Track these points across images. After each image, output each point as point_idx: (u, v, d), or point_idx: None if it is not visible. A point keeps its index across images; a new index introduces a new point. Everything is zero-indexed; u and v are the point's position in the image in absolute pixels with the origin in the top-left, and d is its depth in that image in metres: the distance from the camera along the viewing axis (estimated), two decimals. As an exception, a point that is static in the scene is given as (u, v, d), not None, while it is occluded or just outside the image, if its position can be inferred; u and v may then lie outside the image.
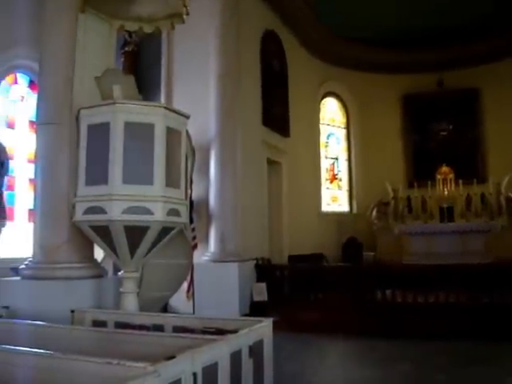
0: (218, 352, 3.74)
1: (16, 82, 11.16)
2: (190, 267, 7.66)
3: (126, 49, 11.95)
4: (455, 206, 16.10)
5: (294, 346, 8.08)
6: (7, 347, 3.53)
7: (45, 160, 5.81)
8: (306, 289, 10.23)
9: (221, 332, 4.38)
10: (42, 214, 5.77)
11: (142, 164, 5.05)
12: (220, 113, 10.61)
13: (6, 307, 5.59)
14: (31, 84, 11.31)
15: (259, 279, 10.62)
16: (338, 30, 15.86)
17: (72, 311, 5.24)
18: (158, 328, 4.82)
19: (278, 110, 13.57)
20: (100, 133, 5.11)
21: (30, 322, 4.72)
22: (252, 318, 4.96)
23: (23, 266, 5.85)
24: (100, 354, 3.22)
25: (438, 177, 16.53)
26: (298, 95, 14.88)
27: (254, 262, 10.81)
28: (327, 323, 9.16)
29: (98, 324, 5.09)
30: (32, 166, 10.38)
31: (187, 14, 6.45)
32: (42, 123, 5.91)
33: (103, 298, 5.68)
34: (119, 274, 5.56)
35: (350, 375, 6.90)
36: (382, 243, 16.03)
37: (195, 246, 8.90)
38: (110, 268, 6.21)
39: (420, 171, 17.29)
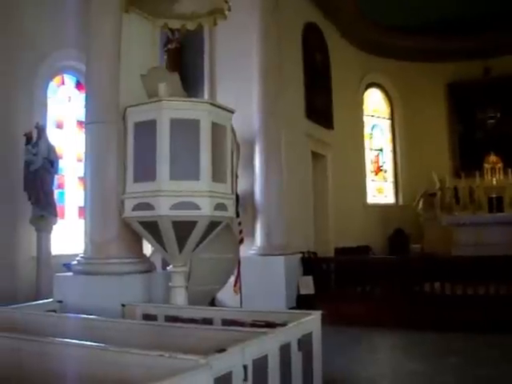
0: (268, 345, 3.78)
1: (63, 83, 11.42)
2: (237, 261, 7.71)
3: (169, 46, 12.05)
4: (504, 196, 15.73)
5: (342, 339, 8.04)
6: (61, 340, 3.65)
7: (94, 158, 5.95)
8: (352, 281, 10.15)
9: (269, 325, 4.42)
10: (92, 210, 5.92)
11: (189, 160, 5.12)
12: (263, 107, 10.63)
13: (60, 302, 5.76)
14: (78, 84, 11.56)
15: (305, 272, 10.60)
16: (380, 20, 15.62)
17: (123, 305, 5.36)
18: (207, 321, 4.89)
19: (321, 103, 13.52)
20: (147, 130, 5.20)
21: (82, 315, 4.86)
22: (300, 311, 4.99)
23: (75, 262, 6.01)
24: (151, 347, 3.29)
25: (486, 166, 16.17)
26: (340, 87, 14.77)
27: (300, 255, 10.80)
28: (375, 316, 9.10)
29: (149, 318, 5.19)
30: (80, 165, 10.72)
31: (229, 9, 6.49)
32: (90, 122, 6.06)
33: (153, 292, 5.78)
34: (168, 268, 5.64)
35: (398, 368, 6.85)
36: (429, 235, 15.78)
37: (242, 240, 8.94)
38: (158, 263, 6.31)
39: (467, 161, 16.91)
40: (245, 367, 3.36)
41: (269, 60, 10.78)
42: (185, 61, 12.13)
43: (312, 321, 4.58)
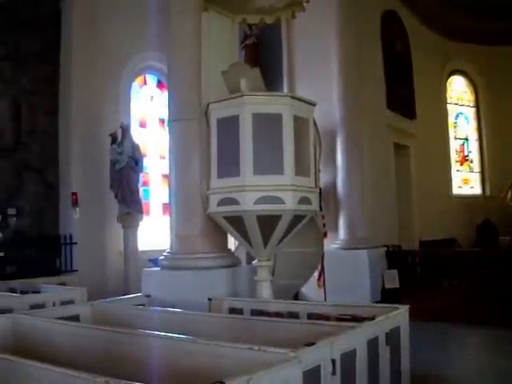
0: (356, 339, 3.72)
1: (145, 83, 11.72)
2: (322, 255, 7.65)
3: (247, 42, 12.10)
4: None
5: (428, 334, 7.81)
6: (151, 332, 3.74)
7: (177, 155, 6.07)
8: (438, 275, 9.90)
9: (355, 319, 4.36)
10: (177, 207, 6.04)
11: (272, 154, 5.14)
12: (344, 99, 10.50)
13: (148, 296, 5.92)
14: (159, 84, 11.84)
15: (390, 266, 10.41)
16: (461, 3, 15.05)
17: (209, 299, 5.42)
18: (293, 315, 4.87)
19: (402, 92, 13.22)
20: (229, 126, 5.26)
21: (169, 309, 4.96)
22: (387, 305, 4.88)
23: (162, 257, 6.17)
24: (238, 341, 3.31)
25: None
26: (422, 75, 14.37)
27: (385, 248, 10.61)
28: (462, 311, 8.79)
29: (234, 311, 5.23)
30: (164, 162, 10.97)
31: (307, 1, 6.44)
32: (173, 120, 6.17)
33: (238, 286, 5.85)
34: (253, 262, 5.67)
35: (488, 366, 6.57)
36: (519, 226, 15.13)
37: (325, 234, 8.87)
38: (243, 257, 6.36)
39: (559, 148, 16.05)
40: (333, 361, 3.32)
41: (348, 51, 10.63)
42: (263, 56, 12.15)
43: (400, 315, 4.48)
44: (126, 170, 9.40)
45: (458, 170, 16.85)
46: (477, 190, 17.18)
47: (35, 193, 9.82)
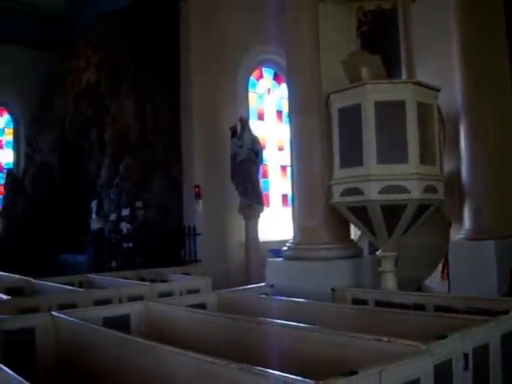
0: (489, 333, 3.57)
1: (262, 76, 11.88)
2: (447, 246, 7.40)
3: (362, 29, 11.89)
4: None
5: None
6: (277, 321, 3.78)
7: (299, 146, 6.12)
8: None
9: (485, 312, 4.18)
10: (300, 197, 6.09)
11: (396, 142, 5.03)
12: (466, 83, 10.00)
13: (271, 285, 6.02)
14: (276, 76, 11.95)
15: (519, 257, 9.84)
16: None
17: (332, 290, 5.40)
18: (419, 307, 4.75)
19: (531, 72, 12.42)
20: (351, 115, 5.20)
21: (293, 299, 4.99)
22: (521, 299, 4.66)
23: (285, 248, 6.24)
24: (363, 331, 3.27)
25: None
26: (553, 53, 13.42)
27: (512, 239, 10.04)
28: None
29: (358, 302, 5.16)
30: (282, 154, 11.10)
31: (426, -16, 6.24)
32: (293, 111, 6.22)
33: (361, 277, 5.79)
34: (377, 253, 5.60)
35: None
36: None
37: (449, 224, 8.57)
38: (365, 247, 6.30)
39: None
40: (465, 355, 3.21)
41: (468, 33, 10.03)
42: (379, 42, 11.88)
43: (536, 310, 4.24)
44: (246, 162, 9.58)
45: None
46: None
47: (160, 187, 10.31)
